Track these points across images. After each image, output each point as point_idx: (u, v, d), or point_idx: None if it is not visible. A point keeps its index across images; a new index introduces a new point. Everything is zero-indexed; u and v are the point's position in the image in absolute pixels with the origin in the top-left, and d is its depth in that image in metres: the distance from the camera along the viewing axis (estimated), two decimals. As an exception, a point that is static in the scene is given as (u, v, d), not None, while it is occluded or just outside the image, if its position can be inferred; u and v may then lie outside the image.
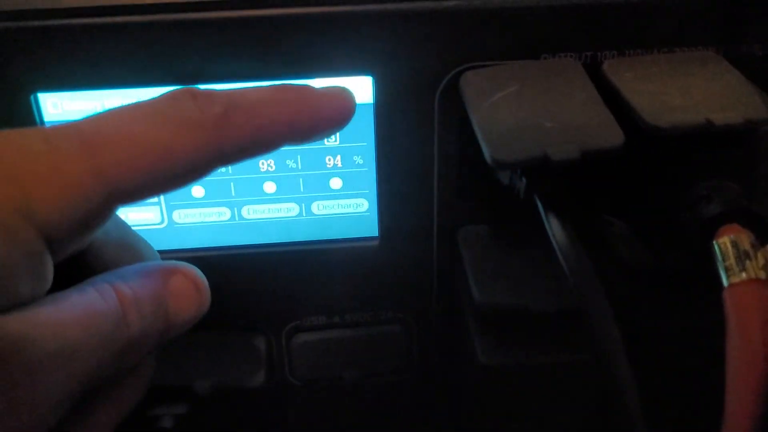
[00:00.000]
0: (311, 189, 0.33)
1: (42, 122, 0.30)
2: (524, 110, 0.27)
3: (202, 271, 0.33)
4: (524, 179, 0.27)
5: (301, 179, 0.32)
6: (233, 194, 0.32)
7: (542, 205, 0.26)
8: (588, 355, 0.27)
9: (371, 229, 0.34)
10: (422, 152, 0.31)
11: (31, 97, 0.29)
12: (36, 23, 0.28)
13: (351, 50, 0.29)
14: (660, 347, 0.28)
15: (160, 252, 0.33)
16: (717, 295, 0.24)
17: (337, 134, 0.32)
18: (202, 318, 0.35)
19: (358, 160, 0.32)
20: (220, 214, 0.33)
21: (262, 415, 0.38)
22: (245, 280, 0.34)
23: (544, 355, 0.28)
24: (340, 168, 0.32)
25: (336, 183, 0.33)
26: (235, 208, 0.33)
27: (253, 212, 0.33)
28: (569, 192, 0.27)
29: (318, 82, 0.30)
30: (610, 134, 0.26)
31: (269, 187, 0.32)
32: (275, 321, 0.35)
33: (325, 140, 0.31)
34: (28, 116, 0.30)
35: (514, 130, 0.26)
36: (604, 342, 0.23)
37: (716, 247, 0.24)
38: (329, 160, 0.32)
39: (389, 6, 0.29)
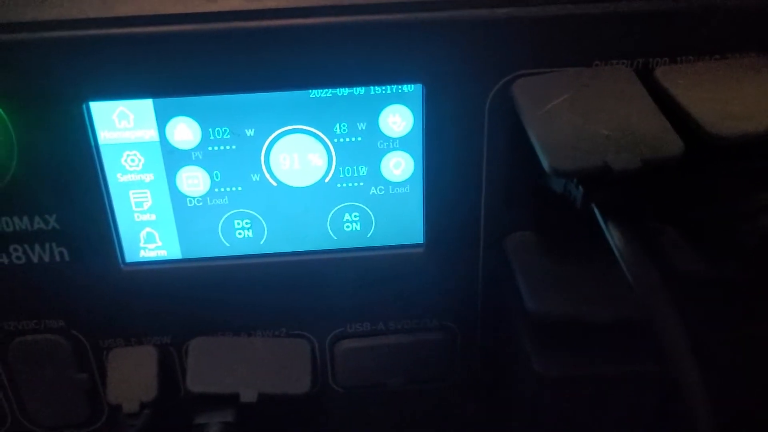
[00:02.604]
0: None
1: (93, 131, 0.30)
2: (580, 118, 0.27)
3: (248, 278, 0.33)
4: (581, 188, 0.27)
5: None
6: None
7: (601, 213, 0.26)
8: (646, 366, 0.27)
9: (417, 236, 0.34)
10: (471, 159, 0.31)
11: (83, 105, 0.29)
12: (87, 32, 0.28)
13: (401, 59, 0.29)
14: (717, 356, 0.27)
15: (211, 258, 0.33)
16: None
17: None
18: (249, 325, 0.35)
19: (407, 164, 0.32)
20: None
21: (303, 421, 0.38)
22: (291, 287, 0.34)
23: (600, 366, 0.28)
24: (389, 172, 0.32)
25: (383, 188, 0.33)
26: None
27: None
28: (625, 199, 0.27)
29: (369, 91, 0.30)
30: (669, 142, 0.26)
31: (317, 194, 0.33)
32: (320, 328, 0.35)
33: (378, 143, 0.32)
34: (81, 125, 0.30)
35: (571, 138, 0.26)
36: (674, 352, 0.23)
37: (779, 257, 0.24)
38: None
39: (440, 14, 0.29)
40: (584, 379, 0.28)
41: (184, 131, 0.31)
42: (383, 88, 0.30)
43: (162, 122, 0.31)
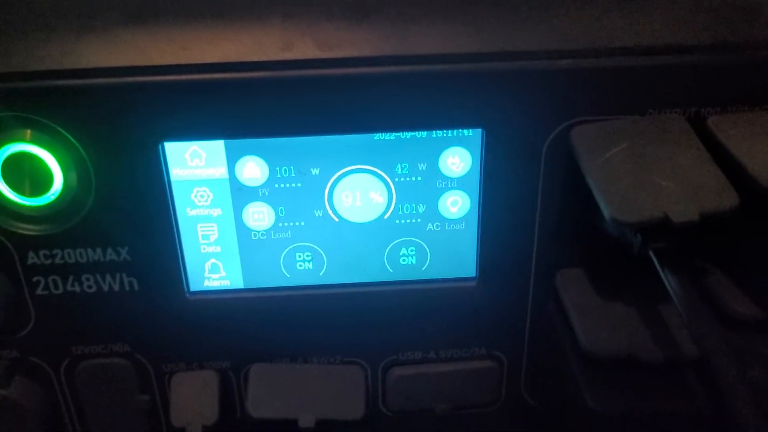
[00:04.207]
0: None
1: (167, 169, 0.32)
2: (639, 168, 0.28)
3: (306, 307, 0.35)
4: (639, 236, 0.28)
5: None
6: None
7: (658, 260, 0.27)
8: (698, 404, 0.29)
9: (470, 270, 0.35)
10: (525, 199, 0.33)
11: (159, 146, 0.31)
12: (166, 78, 0.30)
13: (464, 106, 0.31)
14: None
15: (272, 288, 0.35)
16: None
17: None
18: (305, 351, 0.36)
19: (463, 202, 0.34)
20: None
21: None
22: (347, 316, 0.35)
23: (653, 403, 0.29)
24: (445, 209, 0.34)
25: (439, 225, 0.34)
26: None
27: (358, 253, 0.35)
28: (681, 246, 0.28)
29: (431, 134, 0.32)
30: (725, 195, 0.27)
31: (376, 230, 0.34)
32: (374, 355, 0.37)
33: (437, 182, 0.33)
34: (155, 164, 0.31)
35: (631, 189, 0.27)
36: (731, 393, 0.24)
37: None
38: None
39: (501, 65, 0.30)
40: (638, 417, 0.29)
41: (253, 169, 0.32)
42: (445, 131, 0.32)
43: (232, 161, 0.32)
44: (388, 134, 0.32)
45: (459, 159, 0.33)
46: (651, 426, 0.29)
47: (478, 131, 0.32)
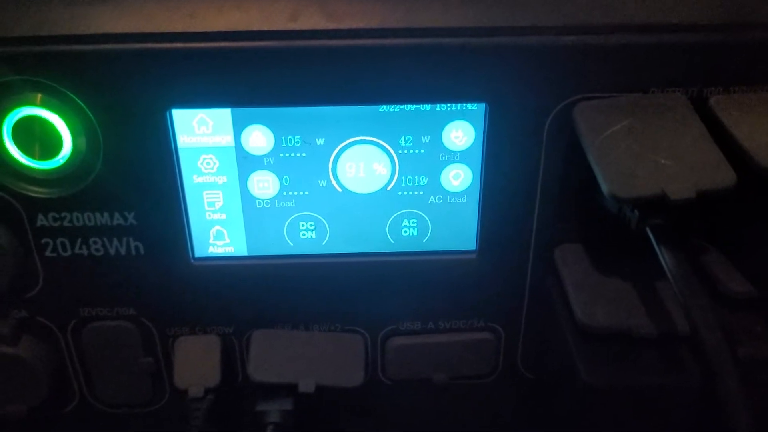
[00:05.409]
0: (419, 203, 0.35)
1: (174, 136, 0.32)
2: (638, 145, 0.29)
3: (309, 275, 0.36)
4: (636, 212, 0.28)
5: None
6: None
7: (654, 236, 0.28)
8: (689, 379, 0.29)
9: (470, 243, 0.36)
10: (527, 174, 0.33)
11: (167, 113, 0.31)
12: (175, 45, 0.30)
13: (468, 80, 0.31)
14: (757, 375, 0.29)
15: (275, 256, 0.35)
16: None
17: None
18: (307, 319, 0.37)
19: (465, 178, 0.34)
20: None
21: (350, 409, 0.41)
22: (349, 286, 0.36)
23: (644, 377, 0.30)
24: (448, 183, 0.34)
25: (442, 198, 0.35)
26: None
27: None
28: (677, 223, 0.28)
29: (435, 107, 0.32)
30: (722, 174, 0.27)
31: (379, 201, 0.35)
32: (373, 324, 0.38)
33: (440, 155, 0.33)
34: (163, 130, 0.32)
35: (630, 165, 0.28)
36: (719, 367, 0.24)
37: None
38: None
39: (506, 39, 0.30)
40: (629, 389, 0.30)
41: (259, 138, 0.33)
42: (449, 105, 0.32)
43: (238, 129, 0.33)
44: (393, 106, 0.32)
45: (462, 133, 0.33)
46: (644, 400, 0.30)
47: (482, 105, 0.32)
